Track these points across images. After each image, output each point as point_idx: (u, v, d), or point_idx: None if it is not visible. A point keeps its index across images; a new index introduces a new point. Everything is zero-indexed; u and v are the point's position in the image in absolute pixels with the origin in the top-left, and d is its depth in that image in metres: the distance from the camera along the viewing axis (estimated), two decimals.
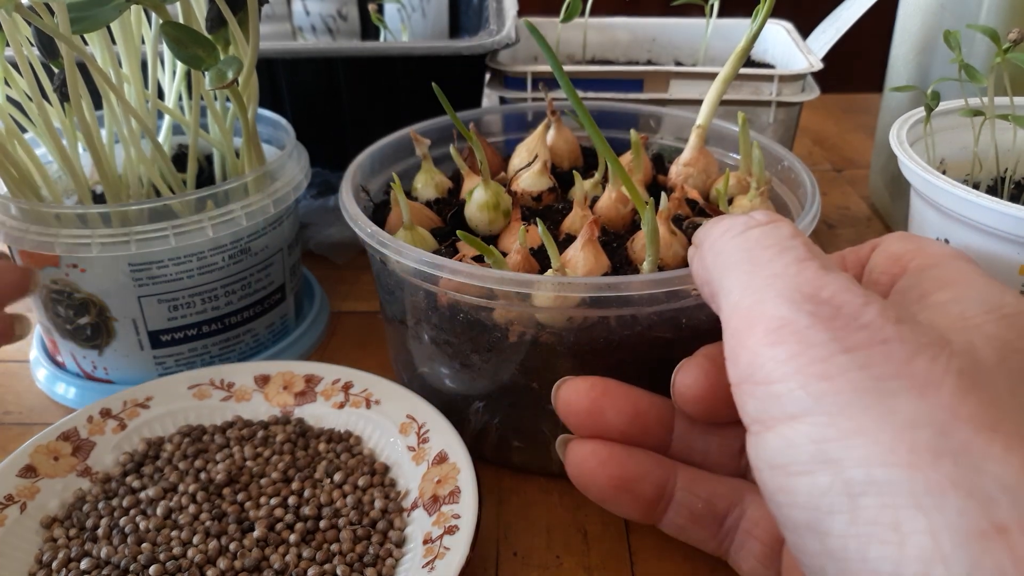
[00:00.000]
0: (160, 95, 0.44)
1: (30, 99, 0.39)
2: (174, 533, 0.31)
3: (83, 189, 0.39)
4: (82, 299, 0.39)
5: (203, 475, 0.34)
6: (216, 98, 0.42)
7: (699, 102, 0.39)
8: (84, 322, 0.39)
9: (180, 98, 0.44)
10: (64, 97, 0.36)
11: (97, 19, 0.33)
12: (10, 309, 0.37)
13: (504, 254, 0.32)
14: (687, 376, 0.28)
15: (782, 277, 0.22)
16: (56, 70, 0.37)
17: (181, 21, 0.37)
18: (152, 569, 0.30)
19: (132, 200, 0.40)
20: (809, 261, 0.22)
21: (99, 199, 0.42)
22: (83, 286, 0.38)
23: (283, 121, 0.47)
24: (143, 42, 0.42)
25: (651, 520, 0.29)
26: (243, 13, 0.38)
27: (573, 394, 0.30)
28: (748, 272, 0.23)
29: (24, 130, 0.40)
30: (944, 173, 0.37)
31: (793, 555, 0.21)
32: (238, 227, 0.39)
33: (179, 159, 0.47)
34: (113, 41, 0.40)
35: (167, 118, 0.45)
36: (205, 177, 0.46)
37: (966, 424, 0.18)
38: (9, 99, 0.40)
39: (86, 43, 0.39)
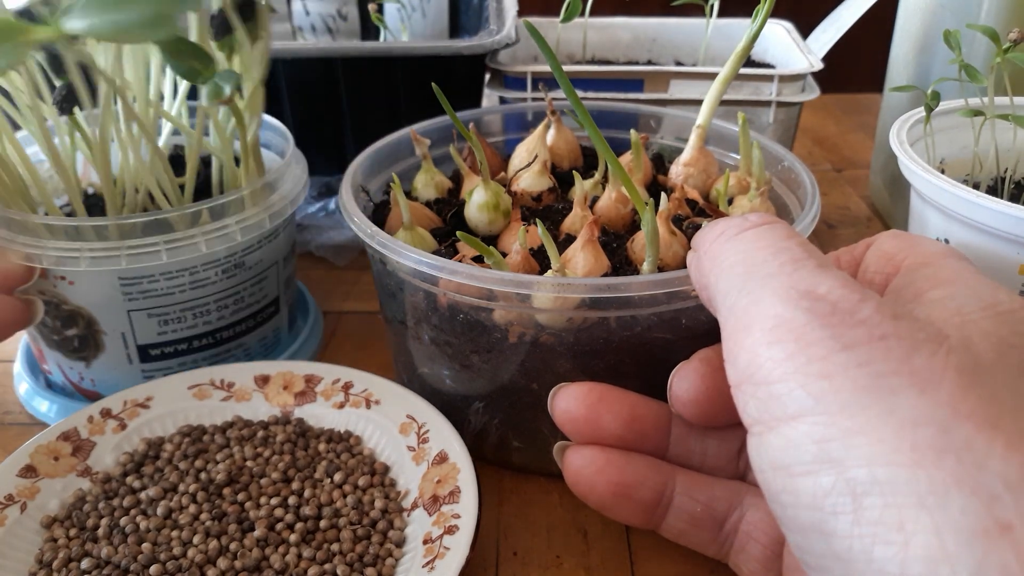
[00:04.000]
0: (163, 98, 0.43)
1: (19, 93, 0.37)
2: (174, 533, 0.31)
3: (74, 193, 0.37)
4: (70, 311, 0.38)
5: (203, 475, 0.34)
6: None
7: (699, 102, 0.39)
8: (72, 333, 0.38)
9: (176, 92, 0.43)
10: (64, 111, 0.35)
11: None
12: None
13: (504, 254, 0.32)
14: (683, 380, 0.28)
15: (777, 276, 0.22)
16: (58, 84, 0.35)
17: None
18: (152, 569, 0.30)
19: (126, 207, 0.39)
20: (805, 260, 0.22)
21: (90, 200, 0.41)
22: (72, 298, 0.37)
23: (283, 128, 0.45)
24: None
25: (651, 525, 0.29)
26: (252, 22, 0.37)
27: (570, 400, 0.29)
28: (744, 274, 0.23)
29: (15, 128, 0.39)
30: (944, 173, 0.37)
31: (796, 556, 0.21)
32: (232, 242, 0.37)
33: (176, 160, 0.45)
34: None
35: (166, 121, 0.43)
36: (202, 180, 0.44)
37: (967, 421, 0.18)
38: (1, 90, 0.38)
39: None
